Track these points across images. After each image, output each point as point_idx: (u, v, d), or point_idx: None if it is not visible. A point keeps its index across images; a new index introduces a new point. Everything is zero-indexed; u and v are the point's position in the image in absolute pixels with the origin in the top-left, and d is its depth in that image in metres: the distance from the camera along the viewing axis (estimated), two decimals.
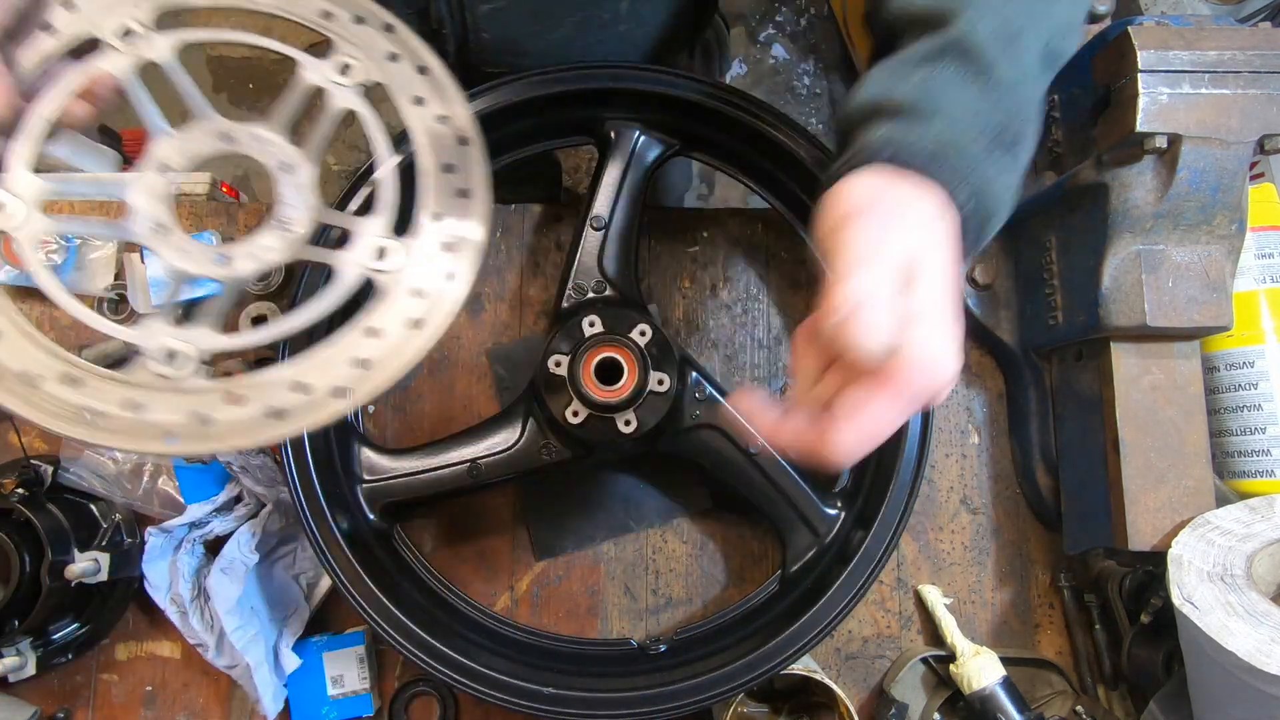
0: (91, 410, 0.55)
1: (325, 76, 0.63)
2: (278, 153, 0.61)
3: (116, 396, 0.56)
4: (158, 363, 0.56)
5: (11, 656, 0.85)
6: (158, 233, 0.58)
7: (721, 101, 0.85)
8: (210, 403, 0.55)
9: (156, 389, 0.56)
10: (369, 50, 0.65)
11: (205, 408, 0.55)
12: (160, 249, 0.58)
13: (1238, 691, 0.67)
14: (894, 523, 0.80)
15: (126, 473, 0.94)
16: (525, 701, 0.76)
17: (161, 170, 0.60)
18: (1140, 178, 0.78)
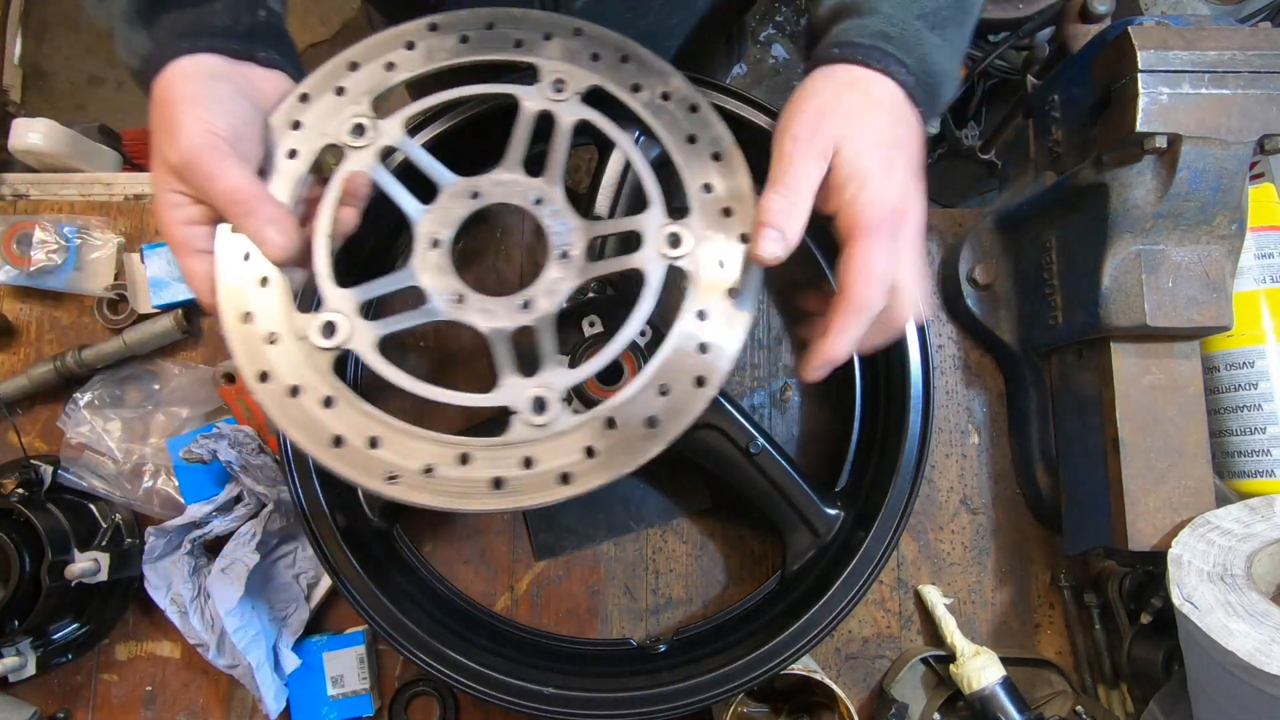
0: (497, 479, 0.58)
1: (545, 98, 0.66)
2: (525, 190, 0.63)
3: (513, 458, 0.58)
4: (531, 415, 0.59)
5: (11, 656, 0.85)
6: (458, 304, 0.61)
7: (720, 101, 0.85)
8: (595, 432, 0.59)
9: (539, 440, 0.59)
10: (572, 58, 0.67)
11: (590, 439, 0.59)
12: (466, 317, 0.61)
13: (1238, 691, 0.67)
14: (894, 523, 0.80)
15: (126, 473, 0.94)
16: (525, 701, 0.76)
17: (432, 245, 0.62)
18: (1140, 178, 0.78)
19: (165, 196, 0.60)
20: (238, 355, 0.61)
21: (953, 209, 1.06)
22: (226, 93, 0.60)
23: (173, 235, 0.62)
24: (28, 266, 0.95)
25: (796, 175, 0.59)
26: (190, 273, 0.62)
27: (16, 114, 1.99)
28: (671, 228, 0.62)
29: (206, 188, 0.58)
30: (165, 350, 0.98)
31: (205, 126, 0.58)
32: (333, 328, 0.60)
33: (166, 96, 0.59)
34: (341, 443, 0.59)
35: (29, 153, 1.07)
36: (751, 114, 0.82)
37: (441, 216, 0.63)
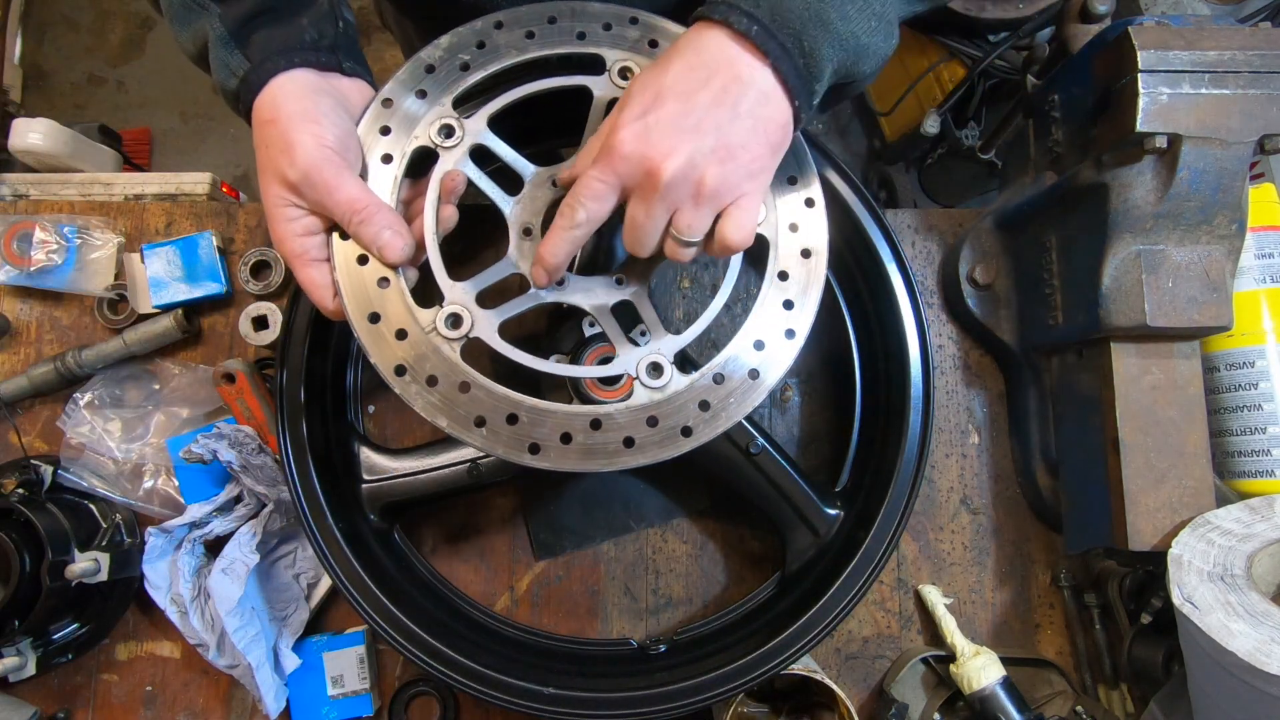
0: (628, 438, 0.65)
1: (614, 85, 0.70)
2: None
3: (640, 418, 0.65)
4: (648, 378, 0.66)
5: (11, 656, 0.85)
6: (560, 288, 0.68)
7: None
8: (705, 388, 0.67)
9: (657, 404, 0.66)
10: (633, 46, 0.71)
11: (703, 394, 0.67)
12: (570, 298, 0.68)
13: (1238, 691, 0.67)
14: (894, 523, 0.80)
15: (126, 473, 0.94)
16: (525, 701, 0.76)
17: (525, 233, 0.68)
18: (1140, 178, 0.78)
19: (280, 211, 0.63)
20: (371, 352, 0.65)
21: (953, 209, 1.06)
22: (330, 106, 0.64)
23: (291, 247, 0.64)
24: (28, 266, 0.95)
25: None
26: (310, 282, 0.65)
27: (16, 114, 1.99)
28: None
29: (325, 199, 0.62)
30: (165, 350, 0.98)
31: (319, 141, 0.61)
32: (458, 319, 0.66)
33: (274, 115, 0.62)
34: (484, 423, 0.64)
35: (29, 153, 1.08)
36: None
37: (529, 206, 0.68)
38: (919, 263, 1.02)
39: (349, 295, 0.65)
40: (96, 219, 0.99)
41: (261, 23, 0.64)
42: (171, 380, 0.97)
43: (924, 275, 1.02)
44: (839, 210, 0.86)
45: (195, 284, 0.96)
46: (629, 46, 0.71)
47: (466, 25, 0.71)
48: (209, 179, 1.09)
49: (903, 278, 0.85)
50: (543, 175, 0.69)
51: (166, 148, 2.48)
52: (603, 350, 0.82)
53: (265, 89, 0.63)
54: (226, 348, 0.99)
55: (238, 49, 0.63)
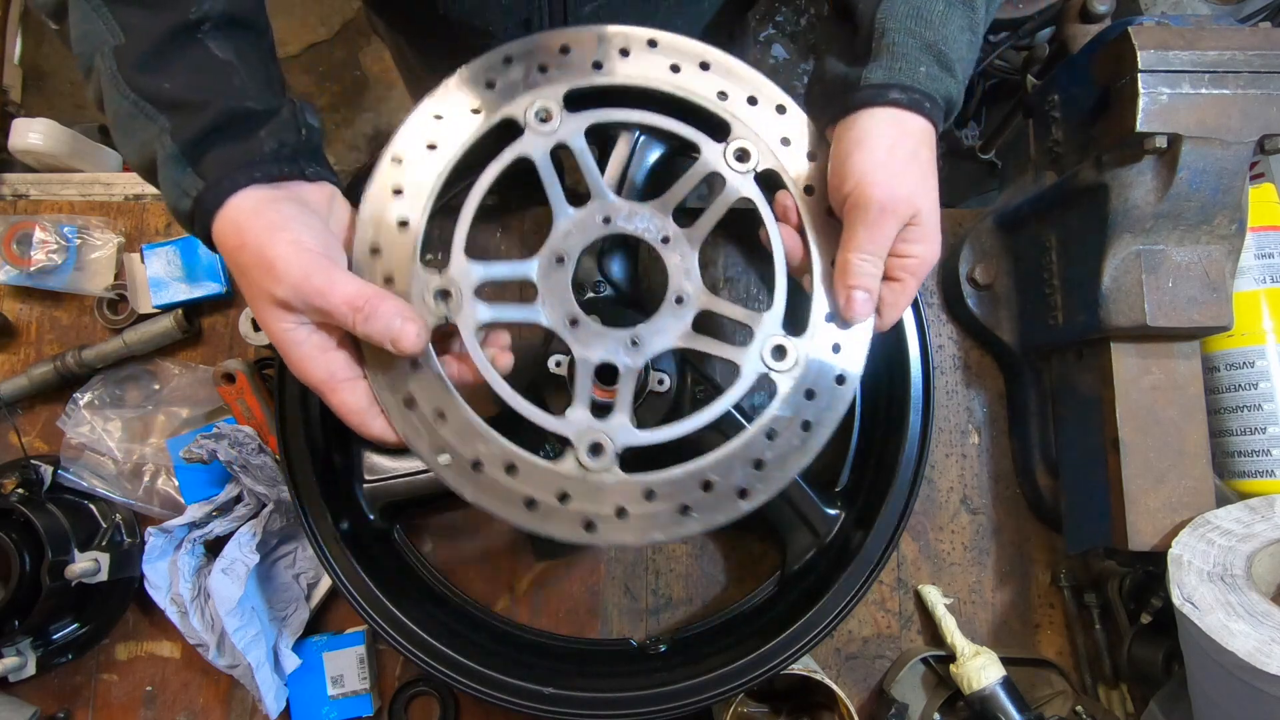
0: (529, 499, 0.61)
1: (724, 162, 0.66)
2: (662, 228, 0.65)
3: (552, 487, 0.61)
4: (584, 456, 0.61)
5: (11, 656, 0.85)
6: (570, 326, 0.64)
7: None
8: (630, 495, 0.61)
9: (581, 481, 0.61)
10: (763, 133, 0.67)
11: (624, 500, 0.61)
12: (569, 337, 0.64)
13: (1238, 691, 0.67)
14: (894, 523, 0.80)
15: (126, 473, 0.94)
16: (525, 701, 0.76)
17: (557, 260, 0.64)
18: (1140, 178, 0.78)
19: (286, 336, 0.59)
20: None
21: (953, 209, 1.06)
22: (294, 210, 0.60)
23: (314, 373, 0.60)
24: (28, 266, 0.95)
25: (881, 244, 0.63)
26: (343, 406, 0.61)
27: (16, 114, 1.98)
28: (781, 340, 0.64)
29: (323, 304, 0.57)
30: (165, 350, 0.98)
31: (299, 248, 0.57)
32: (445, 295, 0.62)
33: (241, 239, 0.58)
34: (412, 403, 0.61)
35: (29, 153, 1.08)
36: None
37: (577, 234, 0.65)
38: None
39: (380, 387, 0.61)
40: (96, 219, 0.99)
41: (217, 138, 0.59)
42: (171, 380, 0.97)
43: None
44: None
45: (195, 284, 0.96)
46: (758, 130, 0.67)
47: (483, 57, 0.66)
48: None
49: None
50: (603, 207, 0.65)
51: None
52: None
53: (222, 210, 0.58)
54: (226, 348, 0.99)
55: (190, 167, 0.59)
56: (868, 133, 0.63)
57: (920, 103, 0.63)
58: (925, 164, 0.64)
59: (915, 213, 0.63)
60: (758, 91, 0.68)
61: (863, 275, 0.63)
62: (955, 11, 0.65)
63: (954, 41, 0.65)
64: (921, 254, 0.65)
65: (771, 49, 2.62)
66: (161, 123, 0.59)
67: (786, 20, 2.64)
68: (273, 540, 0.93)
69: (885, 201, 0.62)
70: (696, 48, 0.68)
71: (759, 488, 0.63)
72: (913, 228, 0.64)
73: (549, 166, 0.65)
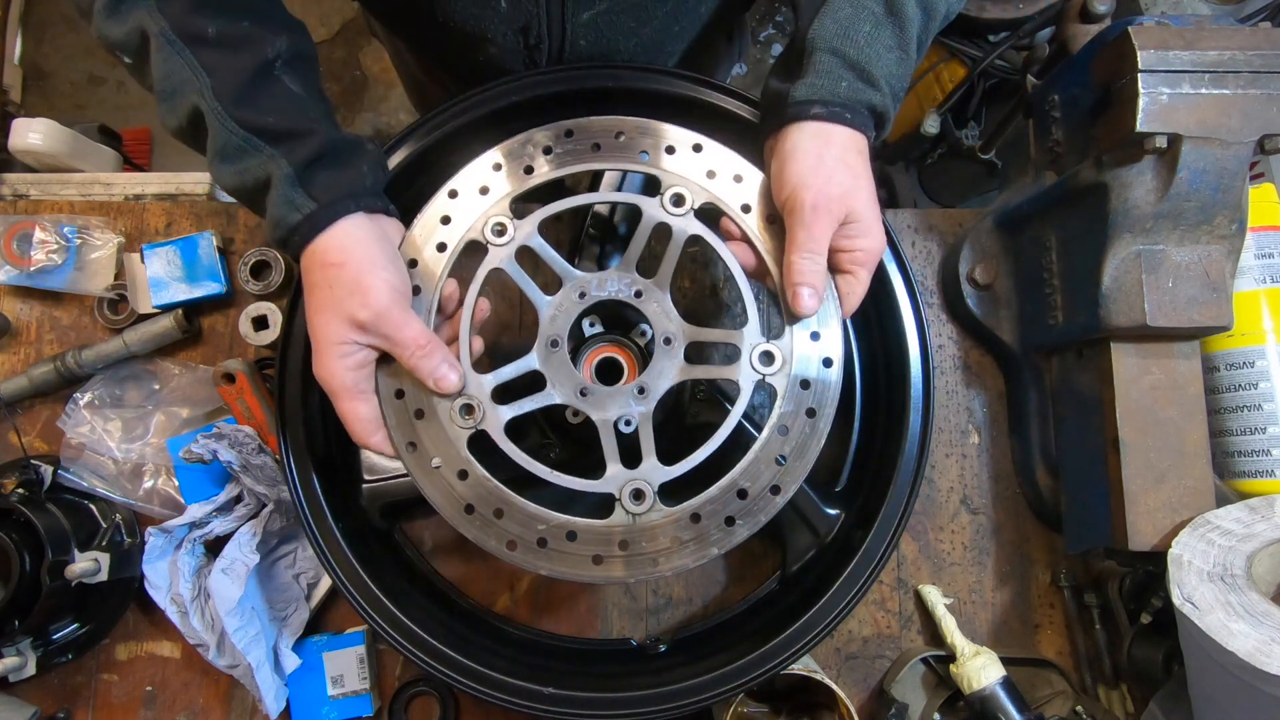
0: (597, 555, 0.68)
1: (664, 210, 0.73)
2: (632, 284, 0.72)
3: (613, 540, 0.68)
4: (630, 504, 0.68)
5: (11, 656, 0.85)
6: (581, 397, 0.71)
7: (720, 100, 0.85)
8: (680, 524, 0.68)
9: (632, 527, 0.68)
10: (689, 174, 0.74)
11: (676, 530, 0.68)
12: (585, 407, 0.71)
13: (1238, 691, 0.67)
14: (894, 523, 0.80)
15: (127, 473, 0.94)
16: (525, 701, 0.76)
17: (552, 345, 0.72)
18: (1140, 178, 0.78)
19: (337, 347, 0.67)
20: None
21: (953, 209, 1.06)
22: (391, 252, 0.69)
23: (341, 381, 0.68)
24: (28, 266, 0.95)
25: (819, 238, 0.68)
26: (354, 414, 0.69)
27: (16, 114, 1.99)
28: (765, 346, 0.71)
29: (393, 334, 0.66)
30: (165, 350, 0.98)
31: (391, 286, 0.67)
32: (470, 410, 0.70)
33: (344, 258, 0.66)
34: (472, 510, 0.68)
35: (29, 153, 1.08)
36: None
37: (560, 317, 0.72)
38: (919, 263, 1.02)
39: (395, 428, 0.69)
40: (96, 219, 0.99)
41: (324, 164, 0.68)
42: (171, 380, 0.97)
43: (924, 275, 1.02)
44: None
45: (195, 284, 0.96)
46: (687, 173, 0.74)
47: (542, 128, 0.74)
48: (209, 179, 1.09)
49: (903, 278, 0.85)
50: (576, 285, 0.72)
51: (166, 148, 2.47)
52: (603, 350, 0.82)
53: (329, 230, 0.67)
54: (226, 348, 0.99)
55: (301, 187, 0.66)
56: (796, 145, 0.69)
57: (841, 114, 0.69)
58: (854, 167, 0.69)
59: (849, 210, 0.69)
60: (672, 140, 0.74)
61: (804, 272, 0.69)
62: (883, 31, 0.70)
63: (879, 60, 0.70)
64: (865, 246, 0.71)
65: (771, 49, 2.62)
66: (269, 151, 0.67)
67: (786, 20, 2.64)
68: (273, 540, 0.93)
69: (817, 201, 0.67)
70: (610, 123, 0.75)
71: (787, 480, 0.69)
72: (851, 224, 0.70)
73: (519, 270, 0.72)
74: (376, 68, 2.58)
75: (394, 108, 2.55)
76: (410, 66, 1.15)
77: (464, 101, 0.84)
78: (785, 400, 0.70)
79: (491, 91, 0.84)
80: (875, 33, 0.70)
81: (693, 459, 0.69)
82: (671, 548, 0.68)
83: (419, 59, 1.09)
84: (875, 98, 0.70)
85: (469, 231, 0.73)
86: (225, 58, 0.67)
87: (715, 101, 0.85)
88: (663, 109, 0.87)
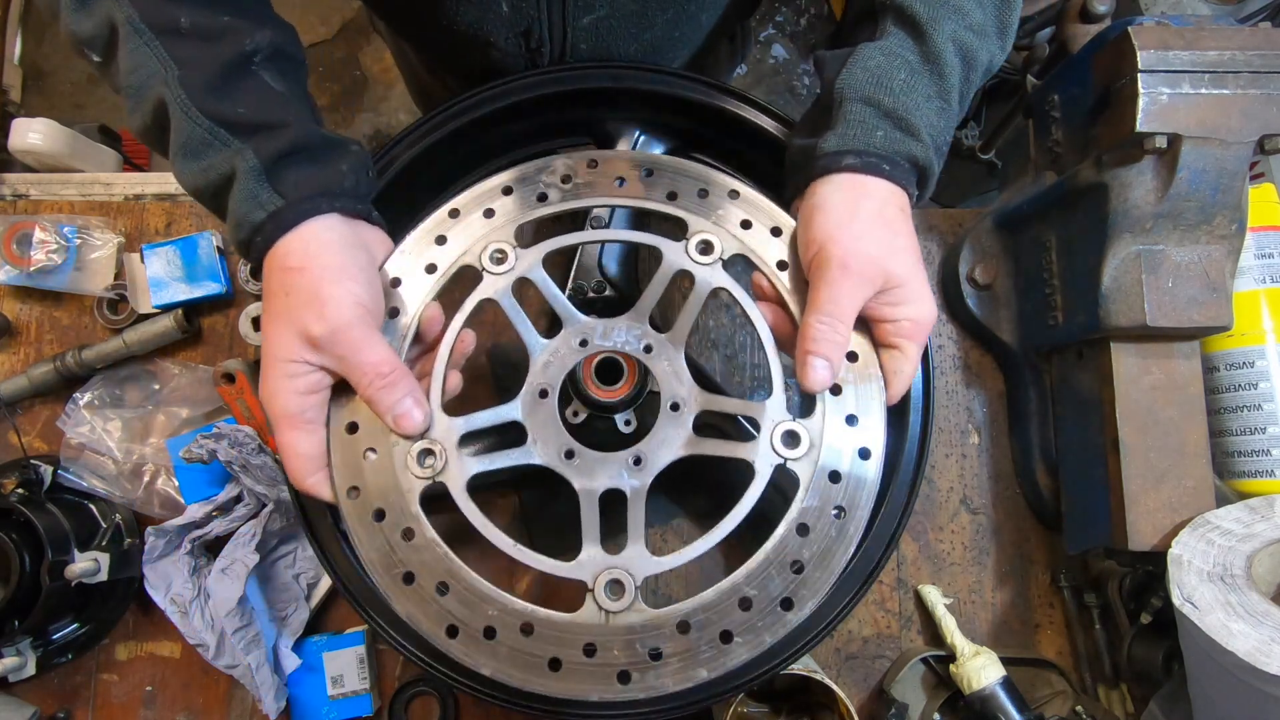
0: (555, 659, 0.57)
1: (688, 257, 0.65)
2: (641, 337, 0.64)
3: (577, 641, 0.57)
4: (604, 599, 0.57)
5: (11, 656, 0.85)
6: (565, 460, 0.61)
7: (721, 101, 0.85)
8: (662, 632, 0.56)
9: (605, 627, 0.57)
10: (723, 221, 0.66)
11: (657, 640, 0.56)
12: (567, 473, 0.61)
13: (1238, 691, 0.67)
14: (894, 523, 0.80)
15: (126, 473, 0.94)
16: (525, 702, 0.76)
17: (540, 395, 0.63)
18: (1140, 178, 0.78)
19: (284, 366, 0.58)
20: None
21: (952, 209, 1.06)
22: (365, 261, 0.61)
23: (285, 406, 0.59)
24: (28, 266, 0.95)
25: (844, 302, 0.60)
26: (292, 447, 0.60)
27: (16, 114, 1.99)
28: (791, 425, 0.61)
29: (350, 357, 0.58)
30: (165, 350, 0.98)
31: (354, 300, 0.58)
32: (429, 455, 0.60)
33: (304, 263, 0.58)
34: (411, 580, 0.58)
35: (29, 153, 1.08)
36: (763, 120, 0.83)
37: (555, 363, 0.64)
38: None
39: (339, 467, 0.60)
40: (96, 219, 0.99)
41: (297, 160, 0.61)
42: (171, 380, 0.97)
43: None
44: None
45: (195, 284, 0.96)
46: (719, 220, 0.66)
47: (563, 156, 0.67)
48: None
49: None
50: (578, 330, 0.65)
51: None
52: (603, 351, 0.82)
53: (295, 231, 0.59)
54: (226, 348, 0.99)
55: (268, 183, 0.59)
56: (826, 198, 0.62)
57: (877, 165, 0.62)
58: (893, 224, 0.62)
59: (888, 274, 0.61)
60: (707, 183, 0.67)
61: (818, 339, 0.60)
62: (920, 80, 0.64)
63: (918, 109, 0.63)
64: (912, 315, 0.62)
65: (771, 49, 2.62)
66: (236, 145, 0.59)
67: (786, 20, 2.64)
68: (273, 540, 0.93)
69: (846, 260, 0.60)
70: (636, 159, 0.68)
71: (804, 593, 0.58)
72: (894, 290, 0.62)
73: (514, 305, 0.64)
74: (376, 68, 2.58)
75: (394, 108, 2.55)
76: (414, 64, 1.15)
77: (464, 102, 0.83)
78: (809, 494, 0.59)
79: (492, 91, 0.84)
80: (912, 80, 0.63)
81: (688, 552, 0.59)
82: (647, 660, 0.57)
83: (422, 59, 1.09)
84: (916, 149, 0.63)
85: (465, 255, 0.65)
86: (198, 48, 0.60)
87: (716, 102, 0.85)
88: (663, 110, 0.87)
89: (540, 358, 0.64)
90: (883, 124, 0.63)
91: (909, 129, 0.63)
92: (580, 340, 0.65)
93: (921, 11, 0.65)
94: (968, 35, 0.65)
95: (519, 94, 0.84)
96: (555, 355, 0.64)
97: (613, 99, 0.86)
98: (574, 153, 0.68)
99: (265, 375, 0.59)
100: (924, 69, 0.64)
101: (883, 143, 0.62)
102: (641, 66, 0.85)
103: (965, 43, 0.65)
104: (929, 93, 0.64)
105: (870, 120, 0.63)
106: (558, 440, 0.62)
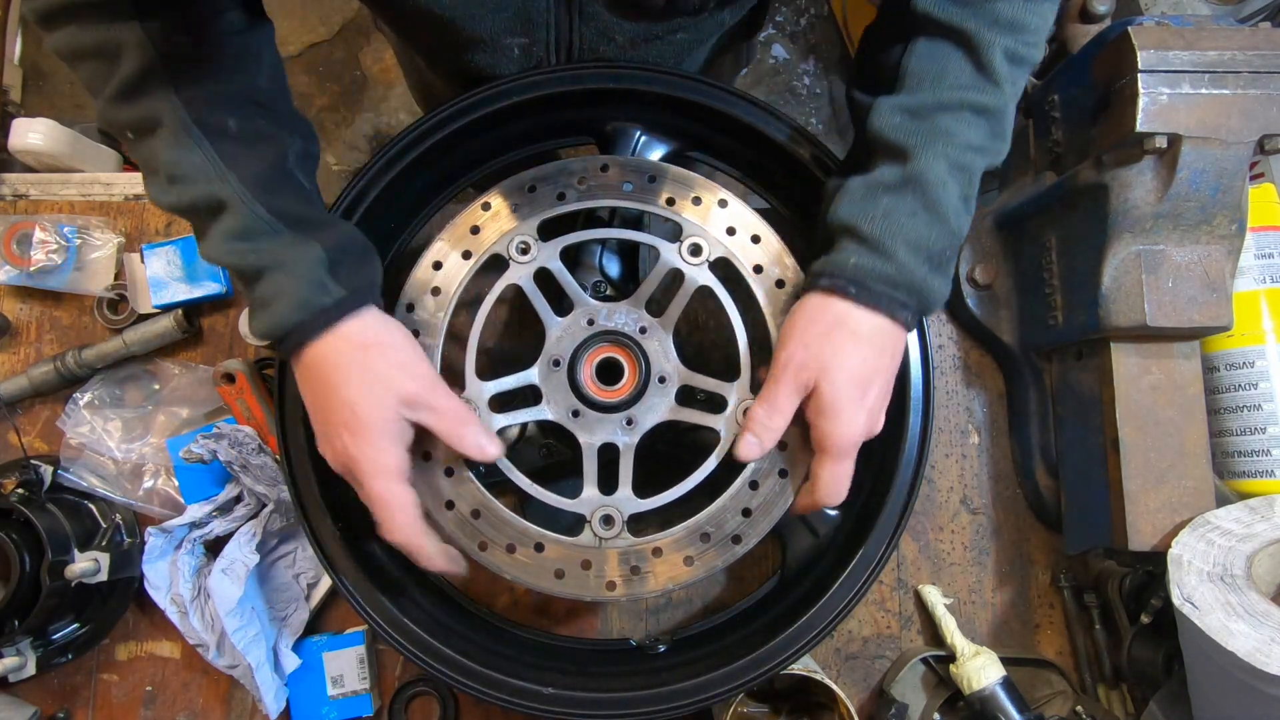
0: (558, 570, 0.72)
1: (680, 258, 0.76)
2: (638, 320, 0.76)
3: (576, 558, 0.73)
4: (599, 528, 0.73)
5: (11, 656, 0.85)
6: (573, 418, 0.75)
7: (721, 102, 0.85)
8: (641, 554, 0.73)
9: (598, 550, 0.73)
10: (709, 227, 0.77)
11: (637, 560, 0.73)
12: (574, 428, 0.75)
13: (1238, 691, 0.67)
14: (894, 523, 0.80)
15: (126, 473, 0.94)
16: (525, 701, 0.76)
17: (554, 364, 0.76)
18: (1140, 178, 0.78)
19: (390, 426, 0.67)
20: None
21: None
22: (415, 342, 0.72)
23: (387, 462, 0.68)
24: (28, 266, 0.95)
25: (780, 397, 0.70)
26: (395, 501, 0.68)
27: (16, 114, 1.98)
28: (750, 403, 0.73)
29: (439, 406, 0.69)
30: (165, 350, 0.98)
31: (428, 368, 0.71)
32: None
33: (386, 338, 0.70)
34: (452, 506, 0.73)
35: (29, 153, 1.07)
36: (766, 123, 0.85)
37: (566, 337, 0.76)
38: None
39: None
40: (96, 219, 0.99)
41: (346, 257, 0.70)
42: (171, 380, 0.97)
43: None
44: None
45: (195, 284, 0.96)
46: (706, 225, 0.77)
47: (579, 159, 0.78)
48: None
49: None
50: (586, 311, 0.76)
51: None
52: (603, 351, 0.82)
53: (357, 315, 0.69)
54: (226, 348, 0.99)
55: (330, 276, 0.68)
56: (797, 309, 0.72)
57: (844, 288, 0.69)
58: (837, 343, 0.69)
59: (815, 382, 0.68)
60: (700, 192, 0.78)
61: (754, 420, 0.71)
62: (902, 200, 0.68)
63: (899, 229, 0.68)
64: (826, 430, 0.69)
65: (771, 49, 2.62)
66: (290, 236, 0.68)
67: (786, 20, 2.64)
68: (273, 540, 0.93)
69: (784, 359, 0.69)
70: (641, 166, 0.79)
71: (750, 532, 0.73)
72: (816, 399, 0.69)
73: (535, 289, 0.76)
74: (376, 68, 2.58)
75: (394, 108, 2.55)
76: (416, 60, 1.15)
77: (464, 102, 0.83)
78: (761, 457, 0.72)
79: (492, 91, 0.84)
80: (894, 203, 0.68)
81: (665, 496, 0.73)
82: (629, 575, 0.72)
83: (425, 56, 1.09)
84: (889, 268, 0.68)
85: (495, 245, 0.76)
86: (242, 149, 0.69)
87: (716, 104, 0.85)
88: (664, 110, 0.87)
89: (554, 333, 0.76)
90: (857, 251, 0.69)
91: (883, 251, 0.68)
92: (588, 319, 0.76)
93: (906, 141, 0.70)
94: (958, 153, 0.69)
95: (519, 94, 0.84)
96: (567, 331, 0.76)
97: (613, 99, 0.86)
98: (588, 156, 0.78)
99: (360, 439, 0.67)
100: (905, 189, 0.69)
101: (853, 269, 0.69)
102: (642, 66, 0.85)
103: (957, 159, 0.69)
104: (911, 209, 0.69)
105: (848, 248, 0.70)
106: (566, 403, 0.75)
